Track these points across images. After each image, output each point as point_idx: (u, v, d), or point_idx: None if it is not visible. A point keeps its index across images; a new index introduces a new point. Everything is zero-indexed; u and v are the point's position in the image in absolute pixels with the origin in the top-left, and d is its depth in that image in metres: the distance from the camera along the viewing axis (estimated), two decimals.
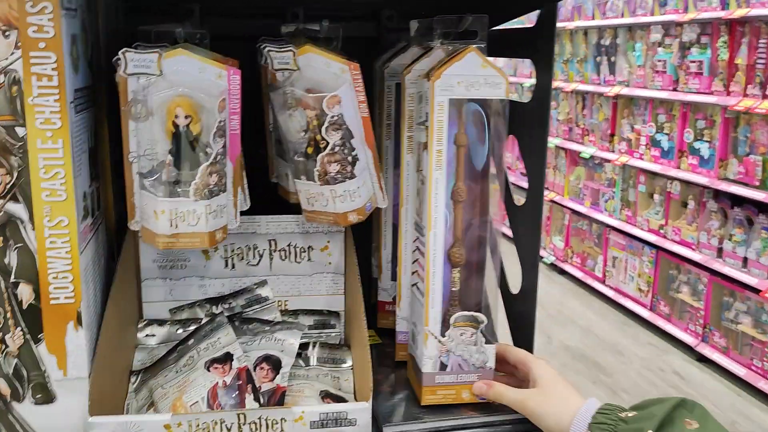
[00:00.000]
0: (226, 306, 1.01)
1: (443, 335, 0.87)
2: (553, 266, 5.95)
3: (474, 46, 0.81)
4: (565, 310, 5.14)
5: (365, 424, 0.78)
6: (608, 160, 4.91)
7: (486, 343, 0.88)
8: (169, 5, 0.93)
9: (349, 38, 0.90)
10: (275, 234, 1.02)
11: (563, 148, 5.58)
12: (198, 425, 0.75)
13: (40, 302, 0.74)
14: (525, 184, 0.99)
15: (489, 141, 0.87)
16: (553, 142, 5.60)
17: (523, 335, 1.01)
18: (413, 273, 0.93)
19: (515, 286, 1.04)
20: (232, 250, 1.01)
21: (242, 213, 0.88)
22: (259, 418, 0.76)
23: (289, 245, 1.03)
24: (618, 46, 4.73)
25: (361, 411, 0.77)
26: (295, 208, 0.98)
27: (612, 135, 4.88)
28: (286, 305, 1.04)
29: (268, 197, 0.99)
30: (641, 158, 4.56)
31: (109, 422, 0.74)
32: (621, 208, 4.88)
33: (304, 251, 1.03)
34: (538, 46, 0.94)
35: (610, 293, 5.09)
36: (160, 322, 0.99)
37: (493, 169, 0.88)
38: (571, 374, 4.14)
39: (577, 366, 4.26)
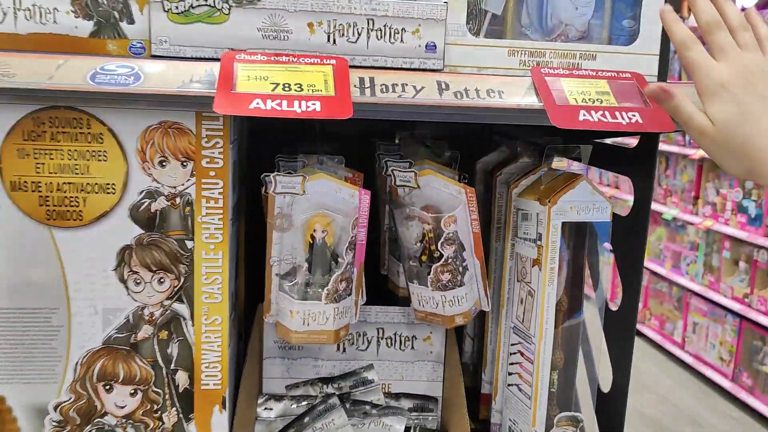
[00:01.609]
0: (336, 386, 1.12)
1: None
2: None
3: (584, 174, 0.90)
4: (641, 375, 5.01)
5: None
6: (691, 223, 4.82)
7: None
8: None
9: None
10: (383, 323, 1.12)
11: None
12: None
13: (194, 387, 0.87)
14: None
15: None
16: None
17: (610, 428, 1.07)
18: (512, 374, 1.01)
19: (606, 384, 1.10)
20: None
21: None
22: None
23: (395, 334, 1.12)
24: None
25: None
26: (402, 301, 1.08)
27: (696, 198, 4.79)
28: (389, 388, 1.13)
29: (377, 287, 1.10)
30: (726, 223, 4.46)
31: None
32: (704, 273, 4.76)
33: (408, 340, 1.13)
34: (638, 166, 1.01)
35: (689, 360, 4.94)
36: (278, 398, 1.10)
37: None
38: None
39: None
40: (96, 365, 0.85)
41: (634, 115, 0.78)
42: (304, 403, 1.09)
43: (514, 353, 1.00)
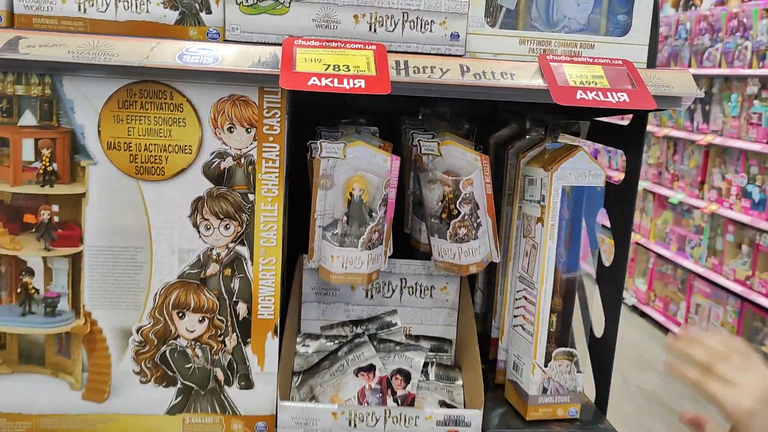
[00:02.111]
0: (364, 327, 1.29)
1: (546, 366, 1.11)
2: (634, 308, 5.97)
3: (582, 146, 1.06)
4: (644, 354, 5.17)
5: (477, 427, 1.04)
6: (697, 207, 4.95)
7: (577, 372, 1.12)
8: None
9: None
10: (406, 274, 1.29)
11: (651, 192, 5.64)
12: (355, 415, 1.03)
13: (251, 316, 1.04)
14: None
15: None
16: (641, 185, 5.66)
17: (602, 372, 1.24)
18: (517, 317, 1.18)
19: (599, 329, 1.27)
20: (372, 284, 1.29)
21: None
22: (400, 414, 1.03)
23: (415, 284, 1.30)
24: (713, 96, 4.79)
25: (475, 416, 1.03)
26: (422, 255, 1.25)
27: (702, 182, 4.92)
28: (409, 331, 1.31)
29: (402, 243, 1.27)
30: (731, 208, 4.59)
31: (293, 406, 1.03)
32: (707, 256, 4.90)
33: (427, 289, 1.30)
34: (630, 141, 1.18)
35: None
36: (314, 336, 1.28)
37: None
38: (646, 418, 4.21)
39: (653, 410, 4.32)
40: (171, 296, 1.03)
41: (622, 95, 0.94)
42: (337, 341, 1.27)
43: (519, 299, 1.17)
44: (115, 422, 1.06)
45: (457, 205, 1.10)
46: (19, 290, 1.00)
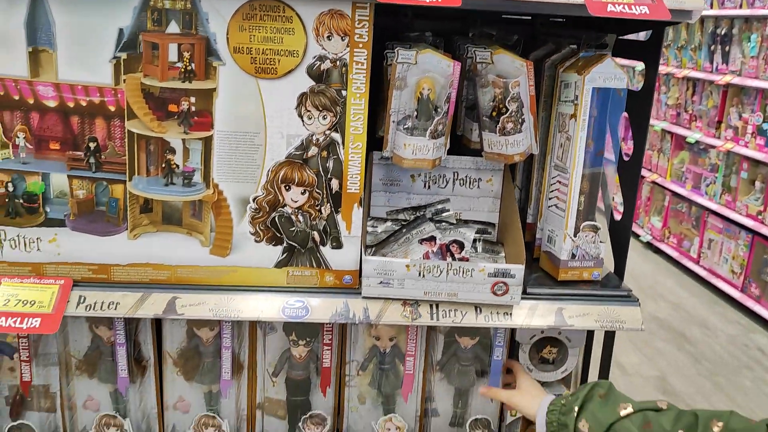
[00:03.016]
0: (422, 213, 1.57)
1: (575, 236, 1.38)
2: (649, 245, 6.23)
3: (609, 54, 1.31)
4: (657, 286, 5.45)
5: (519, 279, 1.31)
6: (713, 146, 5.14)
7: (600, 242, 1.39)
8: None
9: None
10: (458, 168, 1.56)
11: (669, 132, 5.81)
12: (424, 267, 1.31)
13: (342, 190, 1.32)
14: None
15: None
16: (659, 125, 5.84)
17: (620, 247, 1.51)
18: (551, 198, 1.45)
19: (618, 212, 1.53)
20: (429, 176, 1.56)
21: None
22: (459, 267, 1.31)
23: (465, 176, 1.56)
24: (733, 36, 4.92)
25: (518, 269, 1.31)
26: (472, 152, 1.51)
27: (719, 122, 5.10)
28: (459, 216, 1.58)
29: (455, 143, 1.53)
30: (746, 146, 4.78)
31: (375, 260, 1.31)
32: (722, 192, 5.11)
33: (475, 181, 1.57)
34: (649, 54, 1.42)
35: (703, 273, 5.35)
36: (382, 220, 1.56)
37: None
38: (656, 341, 4.51)
39: (663, 335, 4.62)
40: (280, 172, 1.30)
41: (643, 8, 1.18)
42: (400, 223, 1.54)
43: (554, 183, 1.43)
44: (235, 273, 1.35)
45: (506, 104, 1.36)
46: (163, 165, 1.28)
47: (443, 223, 1.52)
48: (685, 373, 4.10)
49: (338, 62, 1.26)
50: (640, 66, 6.65)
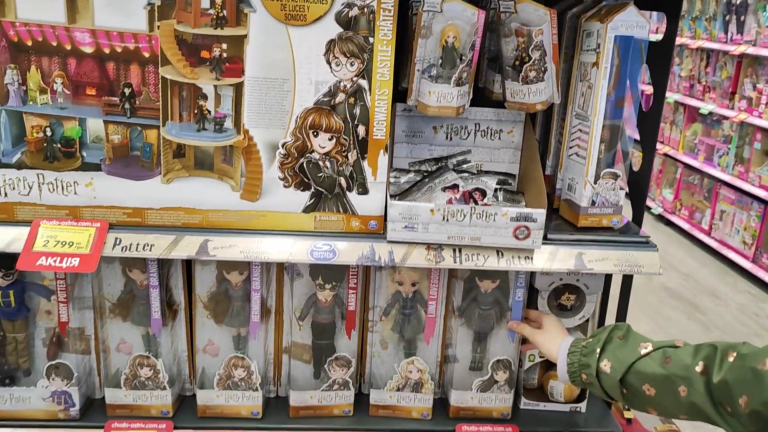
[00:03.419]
0: (444, 164, 1.60)
1: (595, 183, 1.42)
2: (660, 217, 6.24)
3: (631, 3, 1.33)
4: (668, 257, 5.48)
5: (541, 223, 1.35)
6: (726, 117, 5.12)
7: (619, 189, 1.43)
8: None
9: None
10: (480, 119, 1.59)
11: (682, 104, 5.79)
12: (448, 212, 1.35)
13: (368, 136, 1.35)
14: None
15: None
16: (672, 97, 5.82)
17: (638, 197, 1.54)
18: (572, 147, 1.48)
19: (636, 164, 1.56)
20: (451, 128, 1.59)
21: None
22: (482, 212, 1.35)
23: (487, 128, 1.59)
24: (748, 6, 4.89)
25: (540, 214, 1.34)
26: (494, 104, 1.54)
27: (733, 93, 5.08)
28: (481, 167, 1.61)
29: (477, 95, 1.56)
30: (760, 117, 4.77)
31: (400, 204, 1.35)
32: (734, 164, 5.11)
33: (496, 132, 1.60)
34: (668, 4, 1.43)
35: (714, 244, 5.37)
36: (405, 171, 1.59)
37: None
38: (667, 310, 4.55)
39: (674, 304, 4.65)
40: (309, 118, 1.34)
41: None
42: (423, 174, 1.58)
43: (575, 132, 1.46)
44: (264, 217, 1.39)
45: (529, 52, 1.38)
46: (195, 111, 1.32)
47: (465, 173, 1.56)
48: (695, 340, 4.13)
49: (366, 9, 1.28)
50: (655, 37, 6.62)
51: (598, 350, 1.27)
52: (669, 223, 6.12)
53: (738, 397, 1.05)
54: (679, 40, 5.64)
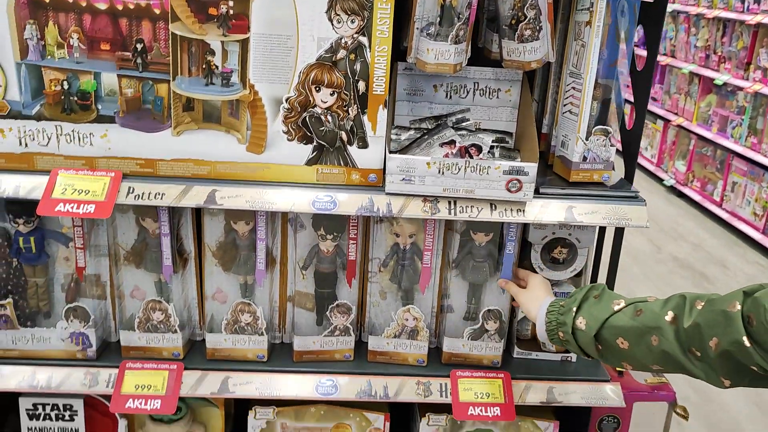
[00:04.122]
0: (443, 121, 1.66)
1: (587, 139, 1.47)
2: (672, 189, 6.24)
3: None
4: (678, 228, 5.50)
5: (532, 177, 1.41)
6: (741, 88, 5.10)
7: (610, 146, 1.48)
8: None
9: None
10: (478, 78, 1.64)
11: (697, 75, 5.76)
12: (444, 165, 1.41)
13: (368, 92, 1.42)
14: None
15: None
16: (687, 67, 5.78)
17: (630, 156, 1.59)
18: (566, 105, 1.53)
19: (629, 123, 1.61)
20: (451, 86, 1.65)
21: None
22: (476, 165, 1.41)
23: (485, 87, 1.65)
24: None
25: (531, 167, 1.40)
26: (492, 63, 1.59)
27: (748, 63, 5.04)
28: (479, 125, 1.67)
29: (476, 55, 1.61)
30: None
31: (398, 157, 1.42)
32: (747, 135, 5.09)
33: (494, 91, 1.65)
34: None
35: (725, 216, 5.38)
36: (405, 128, 1.65)
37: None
38: (676, 279, 4.59)
39: (682, 273, 4.69)
40: (311, 74, 1.40)
41: None
42: (423, 131, 1.64)
43: (568, 90, 1.51)
44: (269, 169, 1.46)
45: (525, 11, 1.43)
46: (204, 66, 1.39)
47: (463, 131, 1.62)
48: None
49: None
50: None
51: (575, 309, 1.32)
52: (681, 195, 6.12)
53: (708, 340, 1.10)
54: (695, 10, 5.58)
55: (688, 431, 2.95)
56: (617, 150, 1.56)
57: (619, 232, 1.63)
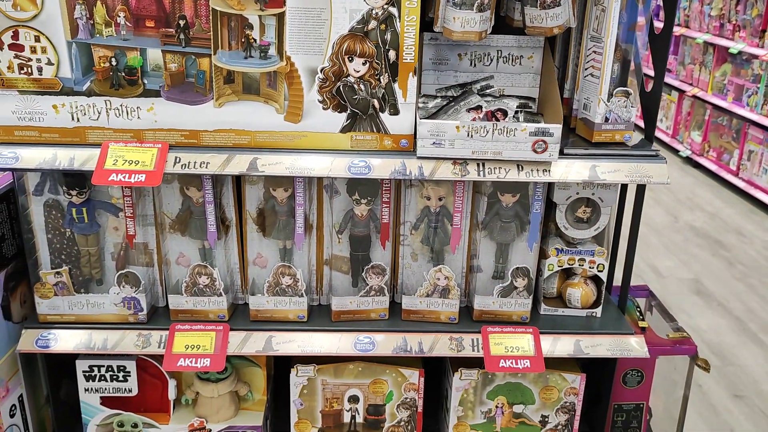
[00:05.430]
0: (468, 88, 1.73)
1: (608, 101, 1.54)
2: (688, 159, 6.26)
3: None
4: (695, 198, 5.53)
5: (557, 137, 1.48)
6: (756, 56, 5.10)
7: (631, 107, 1.54)
8: None
9: None
10: (501, 46, 1.70)
11: (712, 44, 5.75)
12: (472, 128, 1.48)
13: (398, 60, 1.49)
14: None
15: None
16: (702, 37, 5.78)
17: (650, 115, 1.66)
18: (587, 68, 1.59)
19: (649, 84, 1.67)
20: (475, 55, 1.71)
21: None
22: (503, 127, 1.48)
23: (509, 54, 1.71)
24: None
25: (556, 128, 1.47)
26: (515, 31, 1.66)
27: (763, 30, 5.04)
28: (503, 92, 1.74)
29: (499, 23, 1.67)
30: None
31: (429, 122, 1.49)
32: (763, 103, 5.10)
33: (517, 59, 1.72)
34: None
35: (742, 185, 5.40)
36: (432, 97, 1.72)
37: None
38: (692, 247, 4.64)
39: (699, 242, 4.74)
40: (344, 44, 1.47)
41: None
42: (449, 99, 1.71)
43: (590, 53, 1.58)
44: (306, 138, 1.54)
45: None
46: (243, 40, 1.46)
47: (488, 97, 1.69)
48: (719, 276, 4.24)
49: None
50: None
51: None
52: (697, 165, 6.14)
53: None
54: None
55: (708, 391, 3.03)
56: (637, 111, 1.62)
57: (641, 191, 1.70)
